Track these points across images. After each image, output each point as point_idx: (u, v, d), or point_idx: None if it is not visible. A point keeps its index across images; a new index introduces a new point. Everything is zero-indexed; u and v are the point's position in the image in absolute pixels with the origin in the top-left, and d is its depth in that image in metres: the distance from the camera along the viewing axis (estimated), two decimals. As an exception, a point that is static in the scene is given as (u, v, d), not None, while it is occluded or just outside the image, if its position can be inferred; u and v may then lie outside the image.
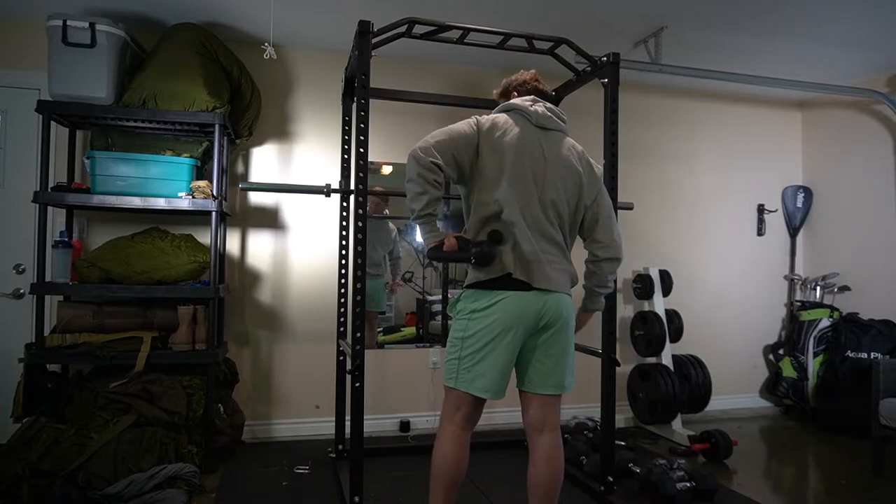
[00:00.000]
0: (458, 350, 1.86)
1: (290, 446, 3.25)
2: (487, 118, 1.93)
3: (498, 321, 1.81)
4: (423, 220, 1.82)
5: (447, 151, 1.81)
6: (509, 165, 1.85)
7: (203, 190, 2.83)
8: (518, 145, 1.88)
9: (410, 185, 1.80)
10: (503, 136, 1.88)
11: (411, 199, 1.80)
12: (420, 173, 1.77)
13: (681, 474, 2.60)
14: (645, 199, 3.94)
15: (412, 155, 1.79)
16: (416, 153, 1.79)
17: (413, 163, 1.79)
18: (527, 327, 1.84)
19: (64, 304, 2.90)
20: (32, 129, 3.05)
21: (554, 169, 1.92)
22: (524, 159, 1.88)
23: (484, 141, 1.87)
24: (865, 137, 4.02)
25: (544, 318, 1.85)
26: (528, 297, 1.83)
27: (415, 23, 2.34)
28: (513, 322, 1.81)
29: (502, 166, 1.85)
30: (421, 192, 1.78)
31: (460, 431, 1.89)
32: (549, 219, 1.90)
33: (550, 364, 1.90)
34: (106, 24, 2.75)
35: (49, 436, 2.43)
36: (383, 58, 3.09)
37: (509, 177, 1.85)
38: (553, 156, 1.93)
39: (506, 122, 1.91)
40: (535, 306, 1.84)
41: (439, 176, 1.79)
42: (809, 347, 3.95)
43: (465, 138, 1.85)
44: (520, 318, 1.82)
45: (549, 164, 1.92)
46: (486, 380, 1.83)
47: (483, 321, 1.82)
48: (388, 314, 3.79)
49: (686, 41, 3.36)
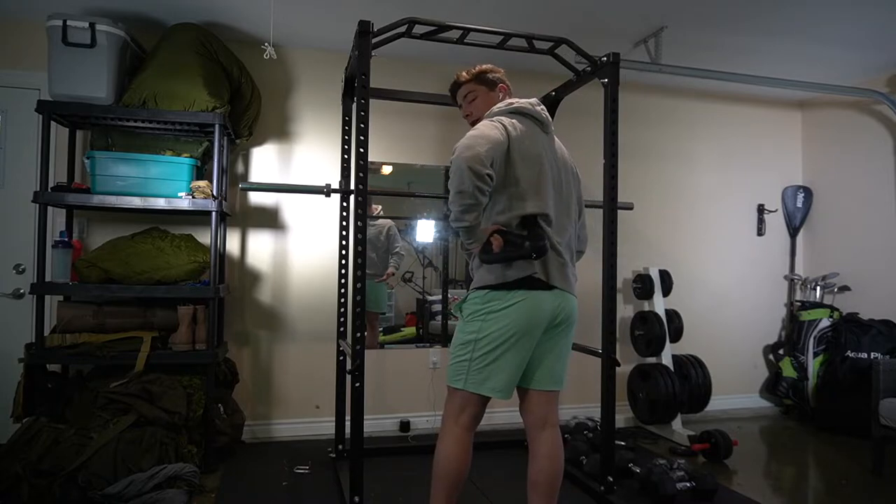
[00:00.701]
0: (469, 351, 1.85)
1: (290, 446, 3.25)
2: (510, 123, 1.89)
3: (515, 322, 1.80)
4: (471, 230, 1.80)
5: (493, 160, 1.78)
6: (538, 173, 1.87)
7: (203, 190, 2.83)
8: (541, 153, 1.91)
9: (463, 197, 1.73)
10: (528, 143, 1.88)
11: (463, 209, 1.75)
12: (478, 186, 1.72)
13: (681, 474, 2.60)
14: (645, 199, 3.93)
15: (468, 166, 1.72)
16: (471, 164, 1.72)
17: (469, 174, 1.71)
18: (543, 328, 1.85)
19: (64, 304, 2.89)
20: (32, 129, 3.05)
21: (564, 172, 1.98)
22: (548, 166, 1.91)
23: (514, 149, 1.84)
24: (865, 137, 4.02)
25: (558, 318, 1.87)
26: (548, 296, 1.84)
27: (415, 23, 2.34)
28: (531, 324, 1.82)
29: (533, 175, 1.86)
30: (474, 203, 1.74)
31: (464, 432, 1.88)
32: (569, 220, 1.96)
33: (554, 361, 1.93)
34: (106, 24, 2.75)
35: (49, 436, 2.43)
36: (383, 58, 3.09)
37: (540, 184, 1.86)
38: (560, 158, 1.99)
39: (524, 128, 1.91)
40: (552, 306, 1.86)
41: (490, 187, 1.77)
42: (809, 347, 3.95)
43: (501, 146, 1.82)
44: (539, 320, 1.83)
45: (560, 168, 1.97)
46: (498, 380, 1.83)
47: (499, 322, 1.81)
48: (388, 314, 3.79)
49: (686, 41, 3.36)
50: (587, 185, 2.31)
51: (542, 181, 1.87)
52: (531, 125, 1.94)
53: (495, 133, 1.82)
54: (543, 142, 1.94)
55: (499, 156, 1.80)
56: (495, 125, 1.85)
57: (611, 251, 2.54)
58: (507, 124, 1.87)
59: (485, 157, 1.74)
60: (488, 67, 2.11)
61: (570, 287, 1.92)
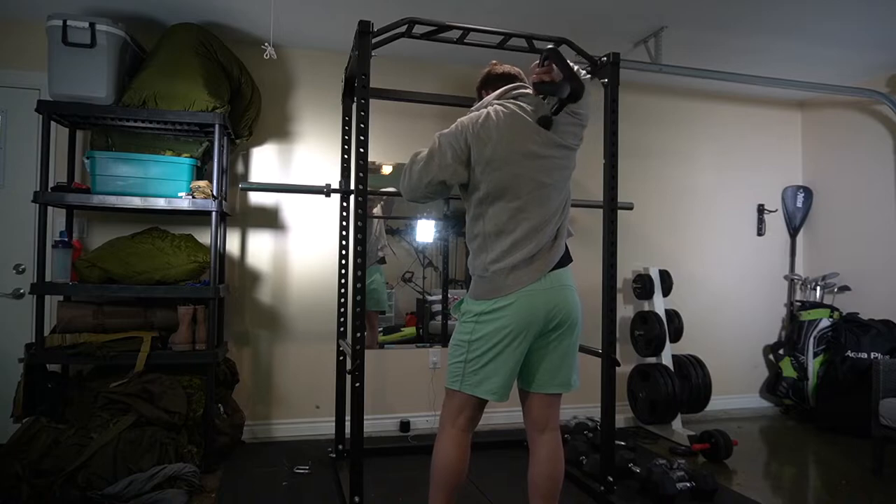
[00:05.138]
0: (463, 353, 1.84)
1: (290, 446, 3.25)
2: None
3: (508, 323, 1.78)
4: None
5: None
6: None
7: (203, 190, 2.83)
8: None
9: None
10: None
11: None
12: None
13: (681, 474, 2.60)
14: (645, 199, 3.93)
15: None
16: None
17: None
18: (539, 327, 1.81)
19: (64, 304, 2.89)
20: (32, 129, 3.05)
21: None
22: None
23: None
24: (865, 137, 4.02)
25: (556, 319, 1.83)
26: (540, 294, 1.80)
27: (415, 23, 2.34)
28: (526, 322, 1.79)
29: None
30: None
31: (462, 434, 1.87)
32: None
33: (557, 363, 1.88)
34: (106, 24, 2.75)
35: (49, 436, 2.43)
36: (383, 58, 3.09)
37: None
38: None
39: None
40: (547, 306, 1.81)
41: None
42: (809, 347, 3.95)
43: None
44: (534, 318, 1.79)
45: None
46: (493, 382, 1.81)
47: (493, 323, 1.79)
48: (388, 314, 3.79)
49: (686, 41, 3.36)
50: (587, 185, 2.31)
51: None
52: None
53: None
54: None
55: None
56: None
57: (611, 251, 2.54)
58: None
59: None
60: (482, 78, 2.08)
61: (558, 265, 1.85)
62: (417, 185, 1.91)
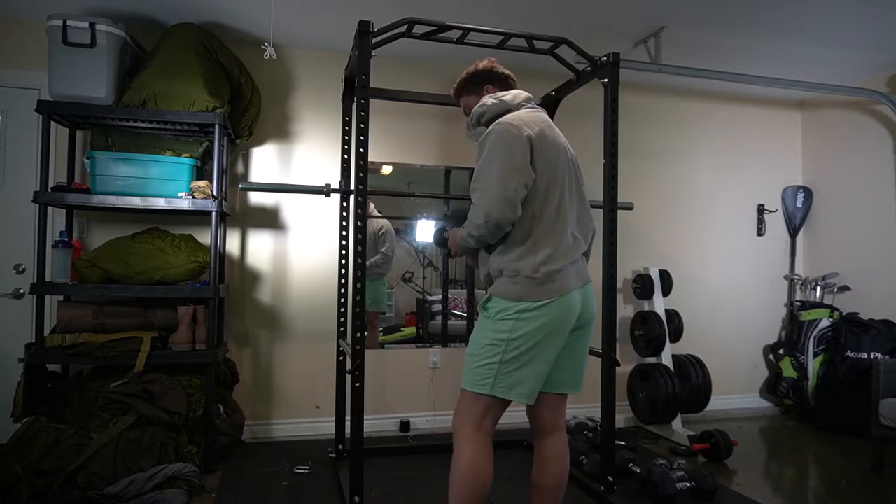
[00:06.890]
0: (499, 352, 1.71)
1: (290, 446, 3.25)
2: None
3: (552, 320, 1.71)
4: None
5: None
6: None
7: (203, 190, 2.83)
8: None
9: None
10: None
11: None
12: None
13: (681, 474, 2.60)
14: (645, 199, 3.93)
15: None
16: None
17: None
18: (571, 326, 1.79)
19: (64, 304, 2.89)
20: (32, 129, 3.05)
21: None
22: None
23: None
24: (865, 137, 4.02)
25: (584, 315, 1.83)
26: (577, 293, 1.79)
27: (415, 23, 2.34)
28: (564, 321, 1.75)
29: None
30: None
31: (489, 440, 1.78)
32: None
33: (573, 363, 1.87)
34: (106, 24, 2.75)
35: (49, 436, 2.43)
36: (383, 58, 3.09)
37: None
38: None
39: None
40: (580, 303, 1.80)
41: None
42: (809, 347, 3.95)
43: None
44: (570, 317, 1.77)
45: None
46: (528, 384, 1.72)
47: (537, 321, 1.70)
48: (388, 314, 3.79)
49: (686, 41, 3.36)
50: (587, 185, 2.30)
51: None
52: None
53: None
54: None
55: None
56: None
57: (611, 251, 2.54)
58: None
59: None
60: (466, 76, 2.06)
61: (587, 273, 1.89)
62: (504, 197, 1.69)
